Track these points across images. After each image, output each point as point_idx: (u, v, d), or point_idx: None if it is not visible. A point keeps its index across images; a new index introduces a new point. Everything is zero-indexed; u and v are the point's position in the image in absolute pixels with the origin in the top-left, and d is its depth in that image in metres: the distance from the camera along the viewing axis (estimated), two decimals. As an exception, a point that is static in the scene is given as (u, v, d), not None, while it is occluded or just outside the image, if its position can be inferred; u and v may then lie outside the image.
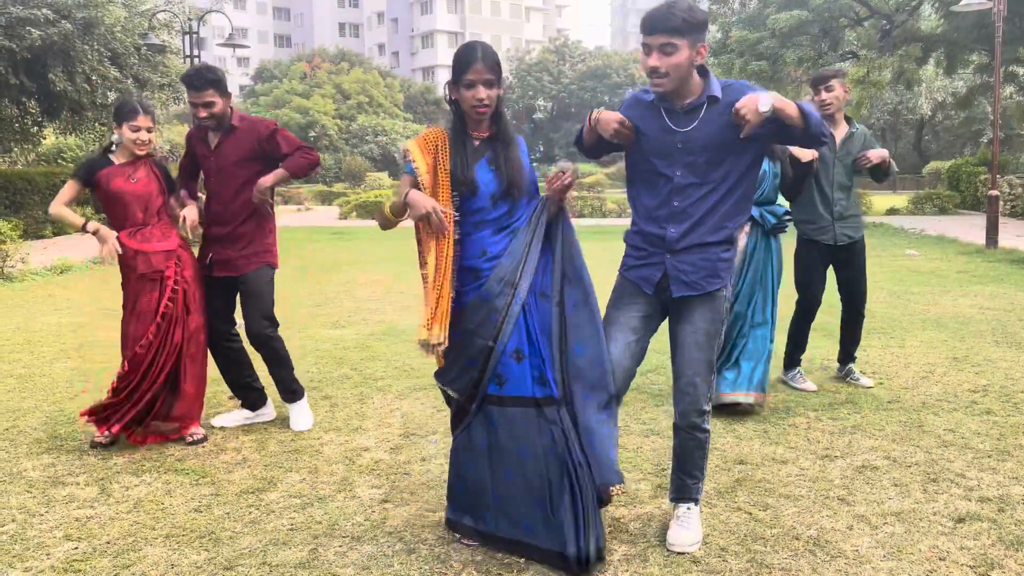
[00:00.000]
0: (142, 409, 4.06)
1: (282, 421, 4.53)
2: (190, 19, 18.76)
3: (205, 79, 4.09)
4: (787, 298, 4.93)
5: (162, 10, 17.97)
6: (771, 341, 4.62)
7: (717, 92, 2.81)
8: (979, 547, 2.96)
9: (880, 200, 24.97)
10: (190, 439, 4.15)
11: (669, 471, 3.21)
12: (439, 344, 2.88)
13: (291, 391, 4.43)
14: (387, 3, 72.54)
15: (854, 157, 4.84)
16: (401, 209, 2.97)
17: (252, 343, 4.34)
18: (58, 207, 4.17)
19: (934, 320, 7.19)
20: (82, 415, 4.12)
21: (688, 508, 3.03)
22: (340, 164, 41.48)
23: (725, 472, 3.71)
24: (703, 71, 2.85)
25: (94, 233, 4.08)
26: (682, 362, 2.96)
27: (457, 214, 2.91)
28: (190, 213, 4.20)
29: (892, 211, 22.13)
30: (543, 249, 2.93)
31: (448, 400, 3.09)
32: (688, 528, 2.98)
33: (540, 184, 3.07)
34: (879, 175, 4.87)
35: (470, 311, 2.90)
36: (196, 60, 18.04)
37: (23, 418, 4.63)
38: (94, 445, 4.08)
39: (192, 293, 4.16)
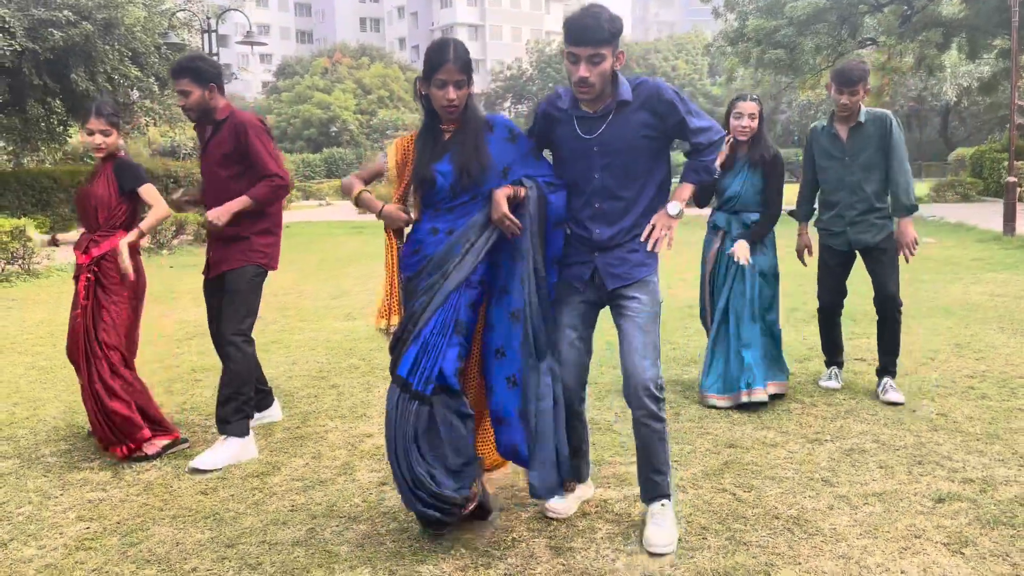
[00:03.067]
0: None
1: (289, 411, 4.69)
2: (209, 17, 19.00)
3: (180, 67, 3.92)
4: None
5: (181, 9, 18.24)
6: (775, 337, 4.66)
7: (628, 96, 2.93)
8: (955, 526, 3.03)
9: (902, 188, 24.73)
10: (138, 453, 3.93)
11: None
12: (390, 329, 3.10)
13: (224, 419, 3.89)
14: (407, -3, 72.69)
15: (870, 153, 4.46)
16: (366, 207, 3.10)
17: (216, 346, 4.11)
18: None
19: (942, 307, 7.20)
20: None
21: (662, 505, 3.02)
22: (361, 159, 41.76)
23: (714, 455, 3.80)
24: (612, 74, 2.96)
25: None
26: (628, 347, 2.99)
27: (412, 217, 3.06)
28: (122, 250, 3.92)
29: (913, 199, 21.94)
30: (514, 258, 2.99)
31: None
32: (663, 527, 2.95)
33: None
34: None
35: (408, 288, 3.03)
36: (215, 58, 18.26)
37: (43, 407, 4.83)
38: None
39: (105, 306, 3.94)
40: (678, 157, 4.36)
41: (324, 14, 76.89)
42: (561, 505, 3.19)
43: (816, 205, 4.84)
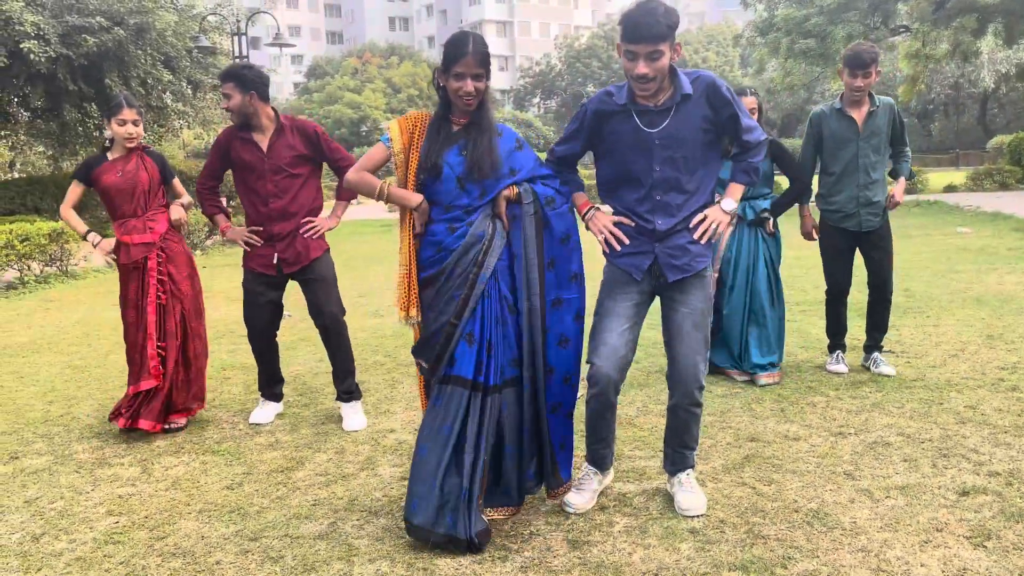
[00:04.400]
0: (160, 398, 4.28)
1: (315, 407, 4.75)
2: (239, 20, 19.25)
3: (229, 72, 4.22)
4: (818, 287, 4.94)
5: (212, 13, 18.49)
6: (781, 323, 4.96)
7: (689, 89, 2.94)
8: (979, 519, 2.99)
9: (938, 177, 24.33)
10: (173, 425, 4.34)
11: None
12: (416, 322, 3.07)
13: (348, 391, 4.46)
14: (435, -5, 72.90)
15: (881, 138, 4.67)
16: (398, 201, 3.04)
17: (326, 327, 4.40)
18: (66, 210, 4.39)
19: (975, 298, 7.07)
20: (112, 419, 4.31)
21: (687, 474, 3.22)
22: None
23: (736, 448, 3.78)
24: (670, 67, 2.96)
25: (95, 244, 4.37)
26: (680, 343, 3.07)
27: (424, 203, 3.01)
28: (174, 212, 4.42)
29: (950, 188, 21.54)
30: (510, 252, 3.01)
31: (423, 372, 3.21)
32: (695, 492, 3.17)
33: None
34: None
35: (434, 287, 2.99)
36: (245, 60, 18.50)
37: (77, 405, 4.95)
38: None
39: (179, 282, 4.34)
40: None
41: (354, 14, 77.41)
42: (579, 499, 3.21)
43: (815, 188, 5.00)
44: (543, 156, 3.20)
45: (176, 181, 4.53)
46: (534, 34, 69.87)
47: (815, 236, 4.95)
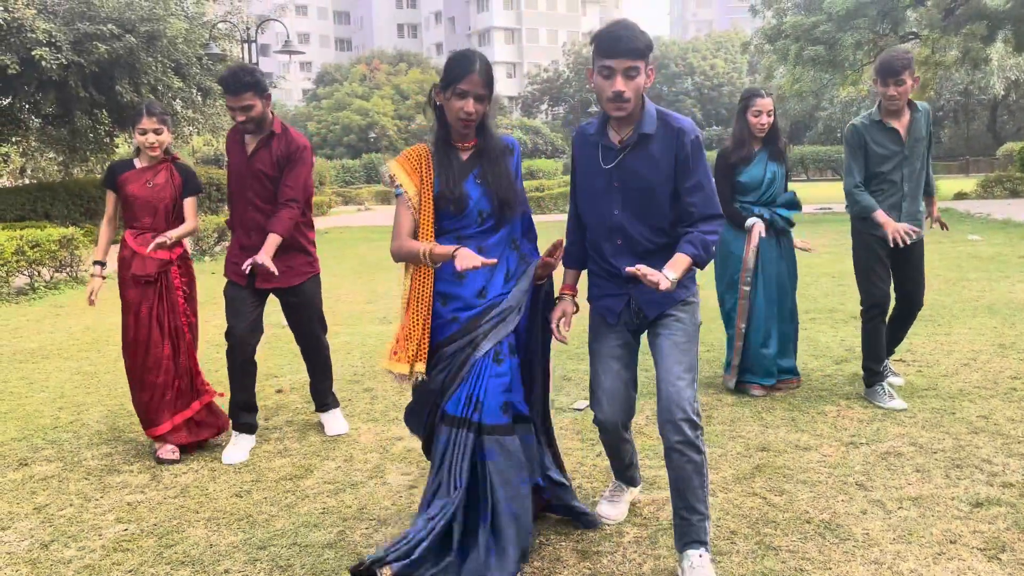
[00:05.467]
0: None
1: (323, 413, 4.74)
2: (249, 28, 19.34)
3: (242, 82, 3.88)
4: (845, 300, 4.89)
5: (222, 20, 18.59)
6: (795, 333, 4.94)
7: (649, 129, 2.71)
8: (993, 531, 2.96)
9: (948, 184, 24.22)
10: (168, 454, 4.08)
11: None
12: (419, 378, 2.88)
13: (325, 403, 4.47)
14: (444, 3, 73.17)
15: (923, 146, 4.43)
16: (441, 259, 2.76)
17: (308, 347, 4.36)
18: (105, 224, 4.23)
19: (986, 306, 7.02)
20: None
21: (700, 555, 2.65)
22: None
23: (746, 459, 3.76)
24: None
25: (91, 275, 4.20)
26: (663, 370, 2.74)
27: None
28: (157, 238, 4.02)
29: (960, 195, 21.45)
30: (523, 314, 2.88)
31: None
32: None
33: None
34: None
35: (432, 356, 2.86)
36: (255, 65, 18.59)
37: (86, 412, 4.96)
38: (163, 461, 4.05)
39: (190, 305, 4.23)
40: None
41: (362, 21, 77.71)
42: (613, 511, 3.20)
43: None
44: (552, 164, 3.14)
45: (190, 202, 4.20)
46: (542, 41, 69.98)
47: (910, 232, 4.29)
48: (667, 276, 2.57)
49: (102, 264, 4.24)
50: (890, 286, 4.56)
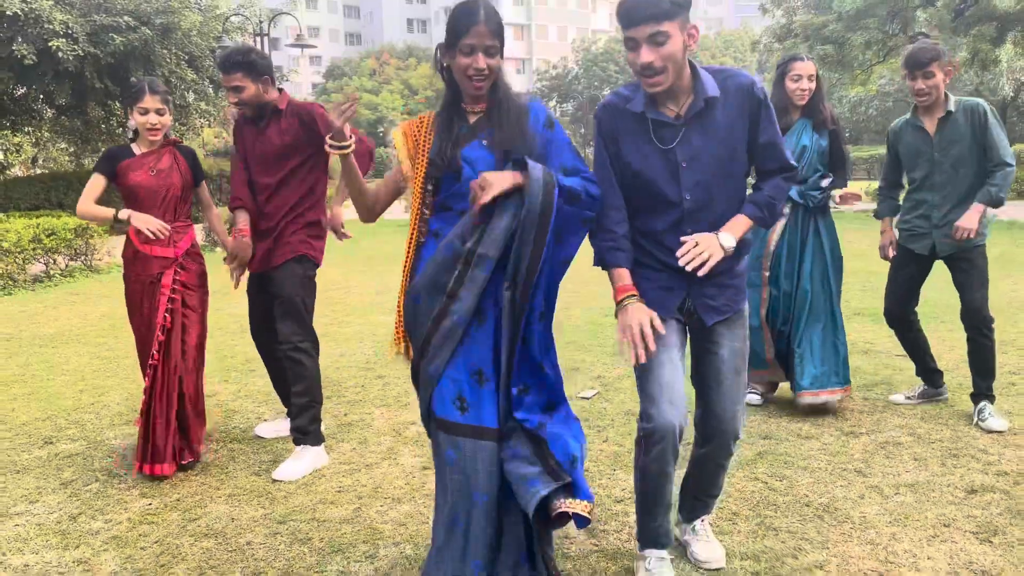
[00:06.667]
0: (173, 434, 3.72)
1: (337, 399, 4.87)
2: (261, 21, 19.48)
3: (232, 61, 3.71)
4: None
5: (235, 13, 18.73)
6: (837, 334, 4.35)
7: (714, 92, 2.40)
8: (986, 516, 3.07)
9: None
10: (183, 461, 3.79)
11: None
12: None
13: (299, 429, 3.80)
14: (454, -2, 73.21)
15: (963, 148, 4.00)
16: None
17: (285, 355, 3.84)
18: (86, 205, 3.70)
19: (990, 305, 7.09)
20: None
21: (702, 521, 2.88)
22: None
23: (749, 446, 3.87)
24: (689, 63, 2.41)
25: (127, 219, 3.63)
26: (718, 391, 2.59)
27: (428, 211, 2.49)
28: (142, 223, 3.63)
29: (967, 196, 21.46)
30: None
31: None
32: (712, 541, 2.83)
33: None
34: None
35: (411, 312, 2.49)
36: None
37: (107, 394, 5.10)
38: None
39: (192, 305, 3.82)
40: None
41: (372, 16, 77.79)
42: None
43: (900, 201, 4.46)
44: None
45: (204, 186, 3.98)
46: (552, 37, 70.01)
47: (890, 254, 4.38)
48: (722, 243, 2.39)
49: (117, 211, 3.68)
50: (905, 300, 4.39)
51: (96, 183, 3.74)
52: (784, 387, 4.76)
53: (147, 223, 3.61)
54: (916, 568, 2.71)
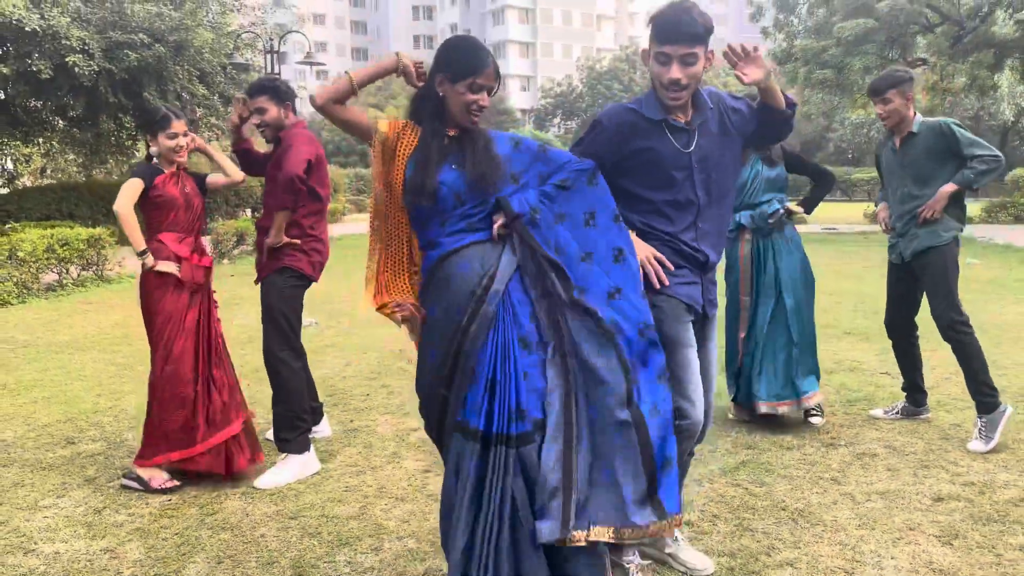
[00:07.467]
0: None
1: (344, 407, 5.11)
2: (271, 39, 19.86)
3: (258, 85, 4.07)
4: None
5: (246, 31, 19.11)
6: (796, 346, 4.51)
7: (711, 104, 2.76)
8: (949, 521, 3.29)
9: (954, 208, 24.38)
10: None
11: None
12: (399, 310, 2.74)
13: (284, 439, 3.95)
14: (460, 15, 73.91)
15: (921, 166, 4.32)
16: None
17: (266, 363, 4.03)
18: (128, 208, 3.78)
19: (976, 326, 7.27)
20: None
21: (681, 531, 3.05)
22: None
23: (732, 455, 4.10)
24: None
25: (152, 266, 3.83)
26: (706, 383, 2.85)
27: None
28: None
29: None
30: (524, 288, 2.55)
31: None
32: (695, 549, 3.03)
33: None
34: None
35: (427, 336, 2.73)
36: (277, 76, 19.09)
37: (124, 399, 5.34)
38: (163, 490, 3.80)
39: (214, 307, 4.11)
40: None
41: (379, 31, 78.56)
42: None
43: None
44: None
45: (211, 177, 4.17)
46: (556, 55, 70.65)
47: (887, 228, 4.65)
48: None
49: (146, 251, 3.84)
50: (898, 309, 4.61)
51: (135, 187, 3.85)
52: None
53: (168, 268, 3.85)
54: (880, 567, 2.93)
